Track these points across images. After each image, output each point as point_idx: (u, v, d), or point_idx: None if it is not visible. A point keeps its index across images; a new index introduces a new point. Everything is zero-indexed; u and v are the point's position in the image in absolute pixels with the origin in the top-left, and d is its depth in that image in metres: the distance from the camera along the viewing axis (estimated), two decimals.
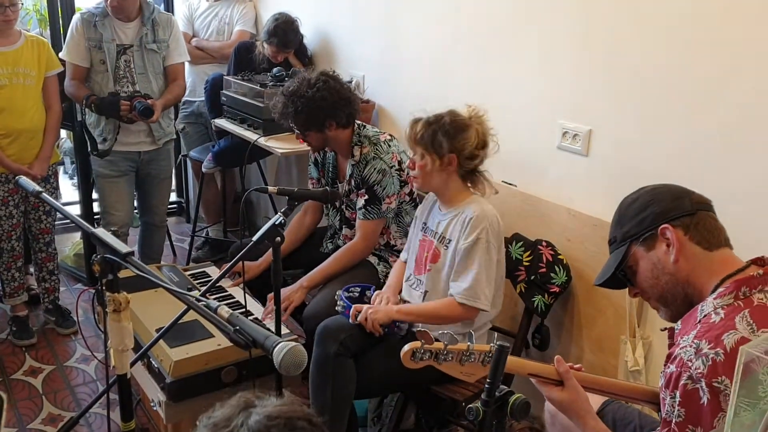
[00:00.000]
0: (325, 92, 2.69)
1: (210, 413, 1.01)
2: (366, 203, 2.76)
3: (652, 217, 1.52)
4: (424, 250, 2.46)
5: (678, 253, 1.48)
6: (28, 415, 2.90)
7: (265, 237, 2.11)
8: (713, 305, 1.42)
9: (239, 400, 1.00)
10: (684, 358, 1.37)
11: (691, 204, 1.52)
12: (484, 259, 2.27)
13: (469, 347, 1.55)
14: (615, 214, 1.63)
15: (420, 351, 1.56)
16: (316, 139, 2.80)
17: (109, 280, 1.48)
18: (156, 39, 3.34)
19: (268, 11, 4.02)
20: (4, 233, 3.29)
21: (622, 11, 2.30)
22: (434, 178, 2.34)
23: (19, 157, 3.20)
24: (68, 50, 3.32)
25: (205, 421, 0.99)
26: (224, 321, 1.26)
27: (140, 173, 3.54)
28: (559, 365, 1.59)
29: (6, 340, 3.42)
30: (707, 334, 1.37)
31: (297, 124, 2.76)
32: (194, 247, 4.36)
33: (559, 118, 2.56)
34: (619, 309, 2.39)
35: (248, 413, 0.96)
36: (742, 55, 1.99)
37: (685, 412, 1.35)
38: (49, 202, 1.82)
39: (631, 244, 1.55)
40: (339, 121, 2.74)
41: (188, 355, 2.37)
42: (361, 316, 2.36)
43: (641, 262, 1.55)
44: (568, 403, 1.58)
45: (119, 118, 3.27)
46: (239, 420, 0.95)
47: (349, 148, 2.82)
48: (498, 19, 2.76)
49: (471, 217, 2.29)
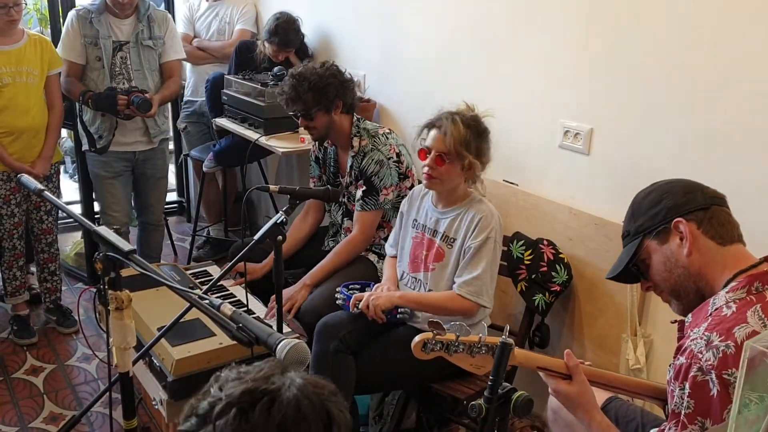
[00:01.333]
0: (335, 70, 2.80)
1: (232, 369, 0.94)
2: (363, 194, 2.78)
3: (666, 210, 1.53)
4: (422, 248, 2.45)
5: (691, 247, 1.49)
6: (30, 414, 2.90)
7: (267, 236, 2.11)
8: (725, 299, 1.43)
9: (273, 363, 0.94)
10: (694, 349, 1.37)
11: (704, 198, 1.53)
12: (491, 257, 2.29)
13: (480, 339, 1.55)
14: (629, 208, 1.63)
15: (431, 342, 1.55)
16: (322, 121, 2.80)
17: (112, 278, 1.48)
18: (152, 35, 3.35)
19: (269, 10, 4.02)
20: (5, 232, 3.29)
21: (623, 10, 2.30)
22: (455, 181, 2.32)
23: (21, 155, 3.20)
24: (64, 47, 3.32)
25: (232, 375, 0.92)
26: (227, 318, 1.26)
27: (136, 173, 3.54)
28: (568, 359, 1.60)
29: (7, 339, 3.42)
30: (718, 327, 1.37)
31: (306, 102, 2.76)
32: (195, 247, 4.36)
33: (560, 117, 2.56)
34: (620, 307, 2.39)
35: (289, 378, 0.90)
36: (742, 54, 2.00)
37: (695, 403, 1.35)
38: (51, 200, 1.82)
39: (645, 238, 1.56)
40: (346, 102, 2.80)
41: (190, 353, 2.36)
42: (363, 303, 2.36)
43: (654, 256, 1.56)
44: (575, 397, 1.58)
45: (116, 113, 3.27)
46: (282, 380, 0.89)
47: (348, 139, 2.85)
48: (499, 19, 2.76)
49: (480, 218, 2.30)
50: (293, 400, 0.86)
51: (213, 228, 4.54)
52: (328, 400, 0.89)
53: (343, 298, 2.47)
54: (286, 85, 2.79)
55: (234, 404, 0.85)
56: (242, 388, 0.87)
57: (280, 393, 0.86)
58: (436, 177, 2.29)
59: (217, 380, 0.92)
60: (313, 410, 0.86)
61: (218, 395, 0.88)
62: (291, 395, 0.86)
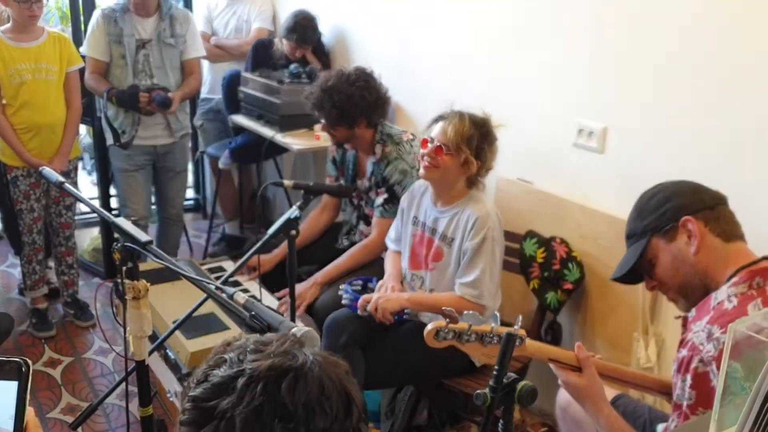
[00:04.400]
0: (365, 92, 2.72)
1: (247, 339, 0.92)
2: (385, 201, 2.78)
3: (674, 209, 1.55)
4: (422, 246, 2.46)
5: (699, 244, 1.51)
6: (48, 405, 2.95)
7: (281, 230, 2.14)
8: (727, 293, 1.45)
9: (288, 337, 0.93)
10: (696, 342, 1.40)
11: (710, 198, 1.56)
12: (488, 258, 2.29)
13: (492, 329, 1.56)
14: (633, 209, 1.65)
15: (444, 330, 1.57)
16: (344, 134, 2.82)
17: (129, 268, 1.52)
18: (174, 34, 3.40)
19: (286, 9, 4.05)
20: (25, 226, 3.34)
21: (636, 10, 2.30)
22: (451, 175, 2.33)
23: (39, 151, 3.25)
24: (89, 45, 3.39)
25: (250, 345, 0.90)
26: (240, 307, 1.29)
27: (156, 166, 3.59)
28: (579, 351, 1.61)
29: (26, 331, 3.47)
30: (720, 320, 1.39)
31: (329, 117, 2.77)
32: (211, 243, 4.39)
33: (574, 116, 2.57)
34: (632, 306, 2.40)
35: (309, 353, 0.89)
36: (757, 55, 2.00)
37: (696, 394, 1.37)
38: (72, 192, 1.86)
39: (652, 237, 1.58)
40: (370, 121, 2.78)
41: (204, 346, 2.39)
42: (371, 305, 2.37)
43: (661, 255, 1.57)
44: (584, 389, 1.59)
45: (138, 110, 3.33)
46: (304, 356, 0.88)
47: (371, 145, 2.84)
48: (514, 18, 2.77)
49: (476, 218, 2.29)
50: (317, 379, 0.86)
51: (228, 225, 4.58)
52: (346, 380, 0.90)
53: (349, 298, 2.48)
54: (314, 95, 2.77)
55: (261, 378, 0.84)
56: (268, 363, 0.86)
57: (305, 370, 0.86)
58: (434, 165, 2.30)
59: (232, 348, 0.91)
60: (335, 389, 0.87)
61: (239, 366, 0.86)
62: (315, 373, 0.86)
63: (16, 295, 3.78)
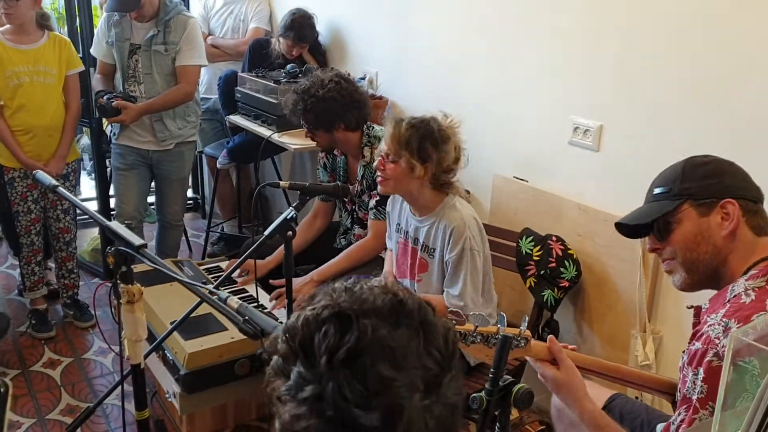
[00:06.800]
0: (336, 93, 2.70)
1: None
2: (377, 204, 2.78)
3: (720, 186, 1.51)
4: (406, 255, 2.44)
5: (733, 229, 1.48)
6: (47, 406, 2.95)
7: (277, 231, 2.14)
8: (744, 286, 1.43)
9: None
10: (711, 335, 1.37)
11: (756, 191, 1.54)
12: (470, 267, 2.25)
13: (498, 330, 1.55)
14: (677, 167, 1.58)
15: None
16: (324, 138, 2.82)
17: (123, 272, 1.52)
18: (165, 41, 3.34)
19: (283, 8, 4.05)
20: (23, 228, 3.35)
21: (633, 8, 2.30)
22: (405, 184, 2.27)
23: (36, 153, 3.25)
24: (94, 45, 3.46)
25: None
26: (233, 311, 1.29)
27: (153, 171, 3.59)
28: (551, 344, 1.59)
29: (25, 332, 3.47)
30: (737, 314, 1.37)
31: (306, 122, 2.78)
32: (209, 243, 4.40)
33: (570, 114, 2.57)
34: (629, 303, 2.40)
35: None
36: (753, 53, 1.99)
37: (708, 388, 1.35)
38: (65, 196, 1.86)
39: (686, 201, 1.52)
40: (348, 124, 2.75)
41: (202, 347, 2.41)
42: None
43: (686, 224, 1.52)
44: (563, 383, 1.57)
45: (105, 115, 3.34)
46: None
47: (358, 149, 2.84)
48: (510, 16, 2.77)
49: (452, 228, 2.24)
50: (417, 303, 0.87)
51: (227, 224, 4.59)
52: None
53: None
54: (290, 99, 2.77)
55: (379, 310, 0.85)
56: (380, 299, 0.87)
57: (403, 299, 0.86)
58: (386, 178, 2.27)
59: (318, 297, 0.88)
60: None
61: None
62: (415, 300, 0.87)
63: (15, 296, 3.79)
